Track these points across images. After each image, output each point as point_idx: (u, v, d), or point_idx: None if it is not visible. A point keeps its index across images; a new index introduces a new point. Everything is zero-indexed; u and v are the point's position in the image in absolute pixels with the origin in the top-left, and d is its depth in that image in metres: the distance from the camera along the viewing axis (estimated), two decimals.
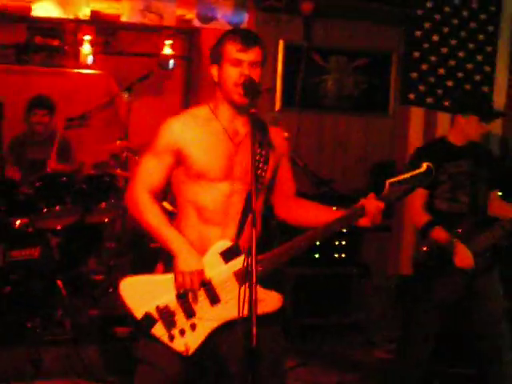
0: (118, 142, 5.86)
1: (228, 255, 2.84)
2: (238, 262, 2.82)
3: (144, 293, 2.79)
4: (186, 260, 2.76)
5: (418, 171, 2.96)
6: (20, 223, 5.15)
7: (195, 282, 2.76)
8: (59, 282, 5.20)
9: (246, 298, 2.57)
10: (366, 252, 6.13)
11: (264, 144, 2.93)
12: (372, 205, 2.89)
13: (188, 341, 2.79)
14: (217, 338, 2.86)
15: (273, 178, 3.03)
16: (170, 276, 2.81)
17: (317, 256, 5.66)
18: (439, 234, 4.06)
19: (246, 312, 2.61)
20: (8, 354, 4.63)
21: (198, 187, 2.87)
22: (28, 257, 5.21)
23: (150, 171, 2.87)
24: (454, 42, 5.88)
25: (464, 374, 4.92)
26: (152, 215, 2.83)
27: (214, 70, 2.90)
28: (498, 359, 4.11)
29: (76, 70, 6.80)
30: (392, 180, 2.92)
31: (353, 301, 5.82)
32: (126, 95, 6.01)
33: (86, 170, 5.87)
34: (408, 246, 5.99)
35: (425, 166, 2.96)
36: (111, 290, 5.72)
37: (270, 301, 2.86)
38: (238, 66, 2.81)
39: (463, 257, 4.01)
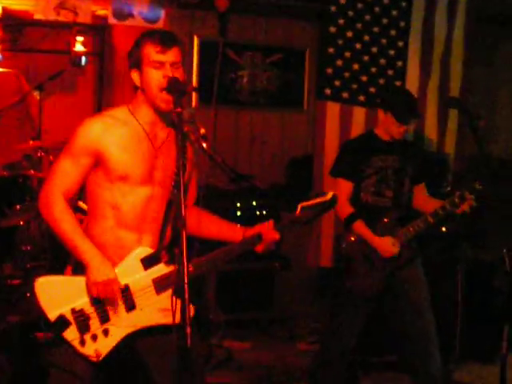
0: (31, 142, 5.72)
1: (148, 262, 2.82)
2: (158, 270, 2.82)
3: (60, 294, 2.72)
4: (98, 270, 2.71)
5: (325, 198, 3.08)
6: None
7: (109, 291, 2.72)
8: None
9: (169, 305, 2.51)
10: (285, 245, 6.18)
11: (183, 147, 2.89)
12: (269, 235, 2.96)
13: (99, 346, 2.74)
14: (134, 343, 2.84)
15: (188, 182, 3.02)
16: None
17: None
18: (360, 227, 4.17)
19: (167, 319, 2.63)
20: None
21: (116, 191, 2.81)
22: None
23: (66, 174, 2.79)
24: (367, 37, 5.98)
25: (386, 362, 5.08)
26: (66, 223, 2.75)
27: (135, 75, 2.84)
28: (423, 349, 4.20)
29: None
30: (304, 204, 3.05)
31: (275, 294, 5.87)
32: (37, 93, 5.86)
33: None
34: (327, 238, 6.08)
35: (330, 194, 3.10)
36: (29, 294, 5.58)
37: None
38: (159, 68, 2.76)
39: (385, 247, 4.11)
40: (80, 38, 6.63)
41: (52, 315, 2.70)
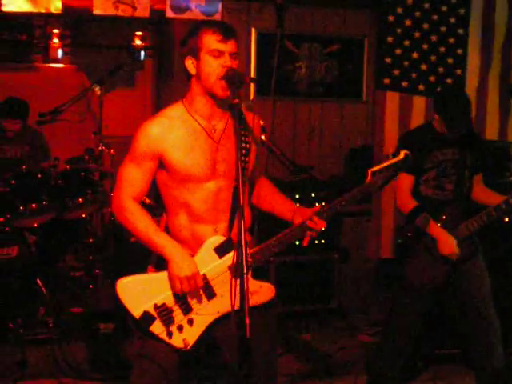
0: (93, 136, 5.83)
1: (222, 250, 2.87)
2: (232, 256, 2.81)
3: (141, 292, 2.79)
4: (180, 265, 2.76)
5: (396, 159, 3.01)
6: None
7: (192, 284, 2.76)
8: (38, 281, 5.16)
9: (238, 290, 2.57)
10: (345, 236, 6.16)
11: (245, 135, 2.91)
12: (315, 226, 2.91)
13: (186, 336, 2.81)
14: (212, 331, 2.88)
15: (254, 168, 3.02)
16: (165, 274, 2.81)
17: (297, 243, 5.66)
18: (426, 221, 4.09)
19: (238, 304, 2.59)
20: None
21: (184, 189, 2.85)
22: (6, 256, 5.16)
23: (132, 179, 2.84)
24: (426, 25, 5.89)
25: (446, 355, 5.01)
26: (141, 223, 2.81)
27: (190, 63, 2.83)
28: (486, 343, 4.14)
29: (46, 65, 6.72)
30: (374, 169, 2.97)
31: (334, 286, 5.85)
32: (97, 88, 5.94)
33: (61, 166, 5.80)
34: (387, 230, 6.03)
35: (403, 154, 3.02)
36: (91, 286, 5.69)
37: (262, 292, 2.92)
38: (219, 57, 2.76)
39: (447, 245, 4.04)
40: (139, 33, 6.74)
41: (137, 313, 2.77)
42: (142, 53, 6.82)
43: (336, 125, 6.41)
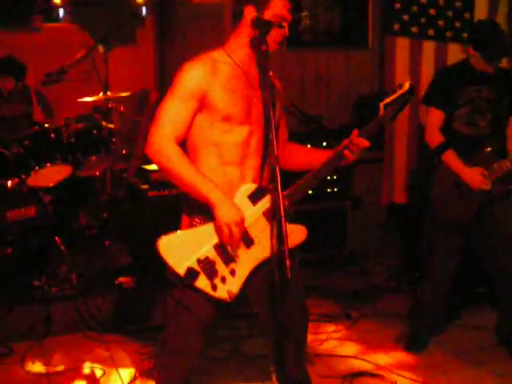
0: (102, 94, 5.80)
1: (255, 197, 2.91)
2: (265, 202, 2.91)
3: (182, 248, 2.82)
4: (228, 210, 2.77)
5: (402, 90, 3.01)
6: (12, 183, 5.10)
7: (239, 230, 2.79)
8: (57, 239, 5.21)
9: (275, 233, 2.71)
10: (357, 184, 6.21)
11: (271, 86, 2.97)
12: (358, 144, 2.94)
13: (229, 287, 2.85)
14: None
15: (280, 119, 3.08)
16: (204, 227, 2.85)
17: (310, 192, 5.71)
18: (450, 157, 4.12)
19: (276, 247, 2.74)
20: (18, 314, 4.64)
21: (217, 130, 2.87)
22: (24, 216, 5.20)
23: (175, 117, 2.82)
24: None
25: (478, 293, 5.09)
26: (184, 167, 2.79)
27: (250, 12, 2.86)
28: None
29: (48, 24, 6.64)
30: (385, 101, 3.00)
31: (348, 233, 5.92)
32: (101, 46, 5.90)
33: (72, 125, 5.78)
34: (400, 175, 6.08)
35: (407, 84, 3.02)
36: (107, 242, 5.73)
37: (296, 234, 2.97)
38: (280, 23, 2.82)
39: (474, 177, 4.06)
40: None
41: (181, 270, 2.80)
42: (144, 8, 6.73)
43: (343, 73, 6.41)
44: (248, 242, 2.88)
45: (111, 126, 5.73)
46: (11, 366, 4.28)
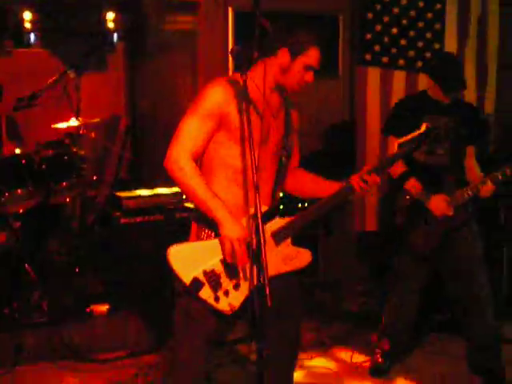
0: (72, 120, 5.78)
1: (265, 218, 2.96)
2: (274, 223, 3.06)
3: (190, 259, 2.92)
4: (232, 228, 2.85)
5: (419, 131, 3.22)
6: None
7: (242, 247, 2.85)
8: (27, 266, 5.14)
9: (289, 253, 3.10)
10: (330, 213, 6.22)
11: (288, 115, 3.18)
12: (367, 180, 3.08)
13: (231, 300, 2.95)
14: None
15: (292, 149, 3.21)
16: (213, 241, 2.94)
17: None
18: (413, 185, 4.19)
19: (289, 267, 3.09)
20: None
21: (234, 151, 2.95)
22: None
23: (194, 134, 2.92)
24: (404, 1, 6.03)
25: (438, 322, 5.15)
26: (197, 182, 2.88)
27: (284, 55, 2.99)
28: (477, 310, 4.26)
29: (19, 49, 6.63)
30: (401, 141, 3.17)
31: (319, 261, 5.94)
32: (72, 72, 5.91)
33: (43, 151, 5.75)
34: (371, 203, 6.13)
35: (424, 126, 3.19)
36: (77, 269, 5.68)
37: (300, 257, 3.14)
38: (308, 72, 3.02)
39: (438, 205, 4.13)
40: (111, 16, 6.68)
41: (187, 279, 2.89)
42: (115, 35, 6.76)
43: (313, 101, 6.45)
44: (254, 259, 2.93)
45: (82, 152, 5.71)
46: None
